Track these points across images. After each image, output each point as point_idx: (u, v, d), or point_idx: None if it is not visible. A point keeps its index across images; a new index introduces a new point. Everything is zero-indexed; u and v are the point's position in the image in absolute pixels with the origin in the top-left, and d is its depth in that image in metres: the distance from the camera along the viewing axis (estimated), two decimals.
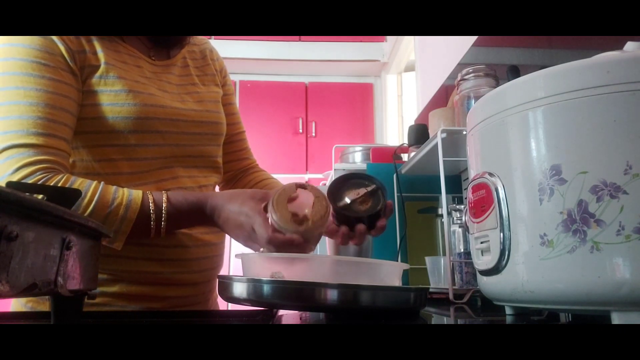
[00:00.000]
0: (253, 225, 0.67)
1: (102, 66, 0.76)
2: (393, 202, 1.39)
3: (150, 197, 0.71)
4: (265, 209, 0.68)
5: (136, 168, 0.78)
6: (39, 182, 0.65)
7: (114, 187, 0.71)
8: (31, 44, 0.71)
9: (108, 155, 0.77)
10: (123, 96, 0.76)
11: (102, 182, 0.71)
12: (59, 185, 0.67)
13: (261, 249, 0.68)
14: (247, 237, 0.69)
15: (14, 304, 0.80)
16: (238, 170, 1.02)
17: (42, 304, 0.76)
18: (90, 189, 0.68)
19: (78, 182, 0.69)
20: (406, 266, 0.65)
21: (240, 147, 1.02)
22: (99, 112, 0.75)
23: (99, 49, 0.78)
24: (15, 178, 0.66)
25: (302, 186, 0.70)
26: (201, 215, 0.73)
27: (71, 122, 0.73)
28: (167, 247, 0.80)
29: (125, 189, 0.71)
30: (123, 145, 0.77)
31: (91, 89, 0.76)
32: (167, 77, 0.86)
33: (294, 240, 0.65)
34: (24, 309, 0.78)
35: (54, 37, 0.73)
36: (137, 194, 0.71)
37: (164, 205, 0.71)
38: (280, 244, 0.65)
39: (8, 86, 0.70)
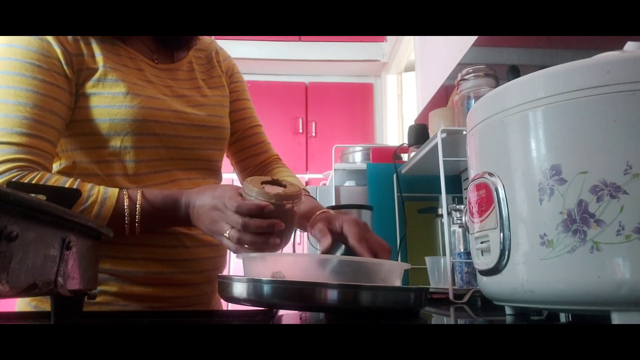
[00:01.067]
0: (224, 200, 0.68)
1: (100, 69, 0.77)
2: (393, 202, 1.40)
3: (125, 193, 0.72)
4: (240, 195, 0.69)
5: (133, 170, 0.78)
6: (14, 179, 0.66)
7: (90, 184, 0.71)
8: (28, 45, 0.72)
9: (105, 157, 0.77)
10: (121, 98, 0.76)
11: (78, 180, 0.71)
12: (34, 181, 0.67)
13: (228, 232, 0.67)
14: (219, 217, 0.68)
15: (19, 303, 0.80)
16: (257, 166, 0.99)
17: (47, 303, 0.76)
18: (65, 186, 0.69)
19: (53, 179, 0.69)
20: (407, 266, 0.65)
21: (256, 141, 0.99)
22: (96, 114, 0.76)
23: (98, 52, 0.78)
24: None
25: (276, 181, 0.72)
26: (176, 209, 0.73)
27: (59, 125, 0.74)
28: (168, 248, 0.80)
29: (102, 187, 0.71)
30: (119, 147, 0.77)
31: (89, 91, 0.76)
32: (170, 80, 0.86)
33: (262, 206, 0.65)
34: (28, 308, 0.78)
35: (52, 40, 0.73)
36: (112, 191, 0.71)
37: (138, 200, 0.71)
38: (249, 210, 0.65)
39: (0, 85, 0.70)
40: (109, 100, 0.76)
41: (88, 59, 0.77)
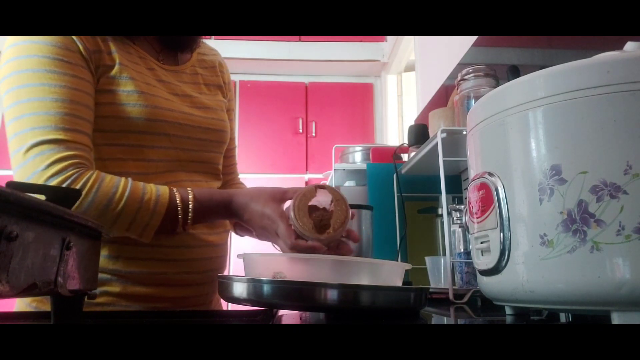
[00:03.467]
0: (277, 230, 0.71)
1: (117, 66, 0.77)
2: (393, 202, 1.39)
3: (176, 193, 0.74)
4: (286, 212, 0.71)
5: (142, 169, 0.79)
6: (71, 178, 0.68)
7: (142, 182, 0.73)
8: (51, 41, 0.72)
9: (115, 155, 0.78)
10: (135, 97, 0.77)
11: (129, 179, 0.72)
12: (90, 181, 0.68)
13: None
14: (271, 239, 0.74)
15: (18, 304, 0.80)
16: (223, 184, 1.01)
17: (46, 304, 0.76)
18: (120, 184, 0.70)
19: (108, 179, 0.70)
20: (408, 266, 0.65)
21: (230, 163, 1.03)
22: (110, 112, 0.76)
23: (114, 49, 0.78)
24: (47, 174, 0.67)
25: (322, 187, 0.73)
26: (227, 213, 0.77)
27: (91, 118, 0.75)
28: (169, 248, 0.80)
29: (152, 185, 0.74)
30: (131, 146, 0.78)
31: (105, 88, 0.76)
32: (175, 82, 0.87)
33: (316, 248, 0.68)
34: (28, 309, 0.78)
35: (73, 36, 0.74)
36: (163, 189, 0.74)
37: (190, 202, 0.74)
38: (303, 251, 0.68)
39: (33, 83, 0.70)
40: (124, 98, 0.76)
41: (105, 55, 0.77)
